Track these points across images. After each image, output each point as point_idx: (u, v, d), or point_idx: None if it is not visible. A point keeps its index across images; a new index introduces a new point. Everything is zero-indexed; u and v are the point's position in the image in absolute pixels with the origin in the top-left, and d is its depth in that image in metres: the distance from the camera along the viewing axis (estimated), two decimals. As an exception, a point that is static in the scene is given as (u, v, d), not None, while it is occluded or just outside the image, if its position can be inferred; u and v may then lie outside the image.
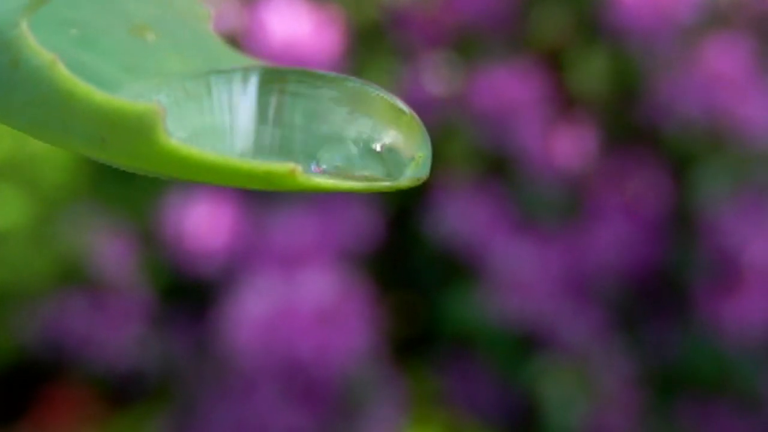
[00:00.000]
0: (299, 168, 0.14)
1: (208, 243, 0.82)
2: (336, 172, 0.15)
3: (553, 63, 0.88)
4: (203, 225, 0.82)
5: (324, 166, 0.16)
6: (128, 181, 0.86)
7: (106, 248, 0.84)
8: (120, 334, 0.84)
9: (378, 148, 0.16)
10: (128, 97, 0.14)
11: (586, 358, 0.82)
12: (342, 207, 0.83)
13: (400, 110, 0.17)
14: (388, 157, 0.16)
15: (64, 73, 0.12)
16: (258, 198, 0.84)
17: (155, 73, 0.16)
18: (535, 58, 0.87)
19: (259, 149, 0.15)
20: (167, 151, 0.13)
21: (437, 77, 0.86)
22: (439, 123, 0.84)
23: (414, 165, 0.17)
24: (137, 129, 0.12)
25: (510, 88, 0.85)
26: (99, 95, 0.12)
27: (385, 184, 0.16)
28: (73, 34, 0.16)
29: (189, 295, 0.86)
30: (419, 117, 0.17)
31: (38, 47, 0.12)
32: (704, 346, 0.83)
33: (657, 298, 0.87)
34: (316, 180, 0.14)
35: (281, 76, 0.16)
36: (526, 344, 0.84)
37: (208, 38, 0.18)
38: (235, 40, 0.80)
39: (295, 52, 0.82)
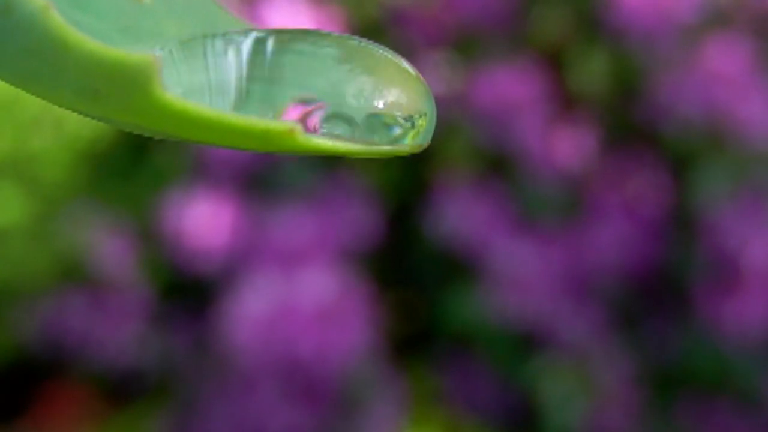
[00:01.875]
0: (299, 127, 0.13)
1: (208, 241, 0.82)
2: (335, 135, 0.15)
3: (554, 62, 0.88)
4: (203, 223, 0.82)
5: (324, 128, 0.15)
6: (128, 178, 0.86)
7: (106, 246, 0.84)
8: (120, 331, 0.84)
9: (379, 110, 0.15)
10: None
11: (585, 357, 0.82)
12: (342, 205, 0.83)
13: (405, 71, 0.16)
14: (390, 120, 0.16)
15: (57, 19, 0.12)
16: (258, 196, 0.83)
17: (151, 35, 0.16)
18: (536, 57, 0.87)
19: (254, 108, 0.15)
20: (163, 105, 0.12)
21: (438, 76, 0.86)
22: (440, 122, 0.84)
23: (416, 130, 0.16)
24: (132, 80, 0.12)
25: (510, 87, 0.85)
26: (93, 44, 0.12)
27: (386, 148, 0.15)
28: None
29: (189, 293, 0.85)
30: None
31: None
32: (704, 346, 0.83)
33: (657, 297, 0.86)
34: (315, 141, 0.14)
35: (281, 36, 0.15)
36: (526, 343, 0.83)
37: (206, 2, 0.17)
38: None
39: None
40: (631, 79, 0.87)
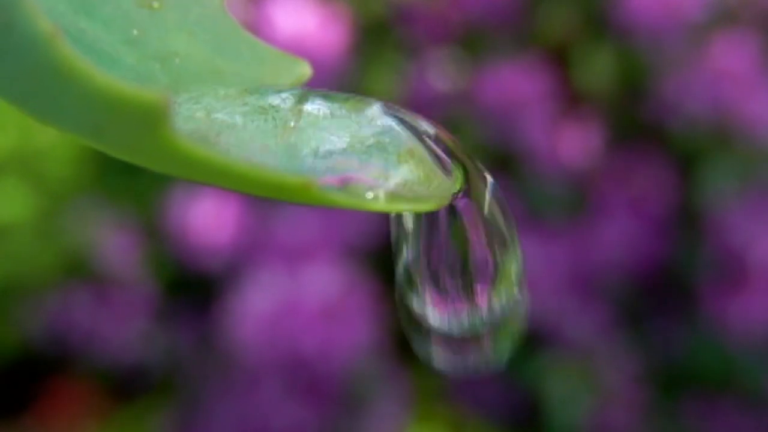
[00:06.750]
0: (315, 181, 0.13)
1: (213, 238, 0.82)
2: (351, 188, 0.14)
3: (560, 59, 0.87)
4: (208, 220, 0.82)
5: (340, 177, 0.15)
6: (134, 175, 0.86)
7: (111, 242, 0.84)
8: (124, 328, 0.84)
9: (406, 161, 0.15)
10: (134, 82, 0.13)
11: (590, 355, 0.82)
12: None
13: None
14: (413, 168, 0.15)
15: (64, 47, 0.11)
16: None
17: (158, 49, 0.15)
18: (542, 54, 0.87)
19: (270, 153, 0.14)
20: (172, 149, 0.11)
21: (443, 73, 0.86)
22: (445, 119, 0.84)
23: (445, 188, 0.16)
24: (140, 121, 0.11)
25: (516, 84, 0.85)
26: (100, 77, 0.11)
27: (405, 207, 0.15)
28: None
29: (193, 289, 0.85)
30: (425, 113, 0.16)
31: (38, 13, 0.10)
32: (709, 344, 0.83)
33: (662, 295, 0.86)
34: (331, 195, 0.13)
35: (306, 98, 0.15)
36: (531, 341, 0.83)
37: (219, 16, 0.16)
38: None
39: (301, 47, 0.82)
40: (637, 77, 0.87)
